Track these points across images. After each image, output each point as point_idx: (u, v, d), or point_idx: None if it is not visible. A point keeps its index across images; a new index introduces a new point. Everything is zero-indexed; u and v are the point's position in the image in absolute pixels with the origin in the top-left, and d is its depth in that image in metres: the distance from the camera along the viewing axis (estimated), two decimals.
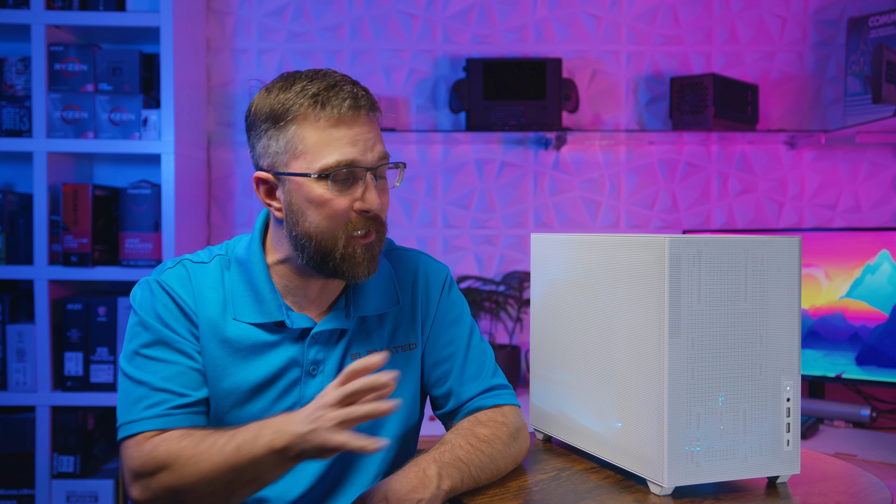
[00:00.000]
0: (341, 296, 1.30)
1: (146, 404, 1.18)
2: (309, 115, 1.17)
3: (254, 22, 2.62)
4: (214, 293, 1.26)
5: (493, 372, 1.36)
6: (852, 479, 1.23)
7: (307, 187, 1.18)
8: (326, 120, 1.17)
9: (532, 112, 2.47)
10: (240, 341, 1.24)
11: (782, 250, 1.16)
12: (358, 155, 1.17)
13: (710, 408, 1.12)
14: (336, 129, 1.17)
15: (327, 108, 1.16)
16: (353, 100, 1.18)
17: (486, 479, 1.22)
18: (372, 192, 1.18)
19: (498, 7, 2.63)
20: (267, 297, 1.25)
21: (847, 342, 2.18)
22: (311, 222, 1.19)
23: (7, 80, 2.43)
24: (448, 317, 1.36)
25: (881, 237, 2.13)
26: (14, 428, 2.37)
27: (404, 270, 1.36)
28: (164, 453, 1.12)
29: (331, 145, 1.17)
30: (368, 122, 1.20)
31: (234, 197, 2.64)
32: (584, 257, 1.29)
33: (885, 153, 2.63)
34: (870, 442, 2.02)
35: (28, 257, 2.37)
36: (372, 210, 1.18)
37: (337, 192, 1.17)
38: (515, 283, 2.60)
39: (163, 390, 1.19)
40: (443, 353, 1.34)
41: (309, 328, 1.26)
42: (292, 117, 1.17)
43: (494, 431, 1.26)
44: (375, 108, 1.22)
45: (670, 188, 2.65)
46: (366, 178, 1.18)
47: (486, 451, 1.23)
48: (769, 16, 2.64)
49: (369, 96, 1.21)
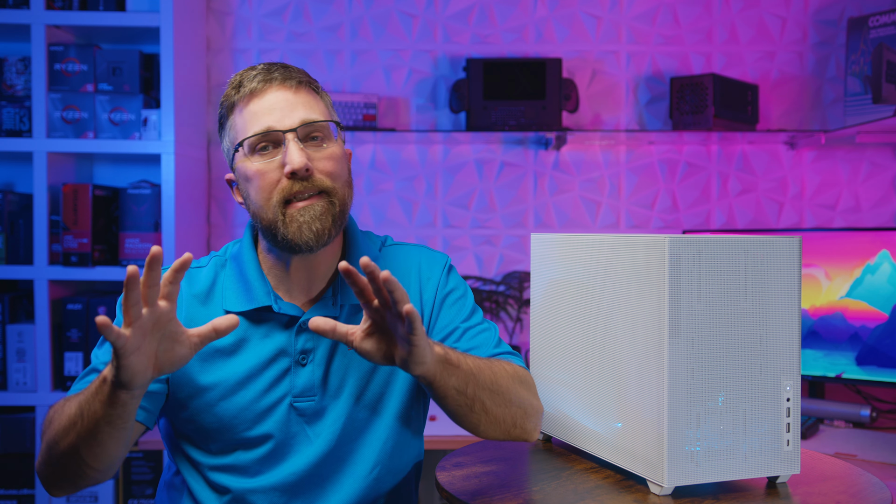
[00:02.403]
0: (329, 286, 1.31)
1: (79, 378, 1.26)
2: (233, 102, 1.25)
3: (254, 22, 2.62)
4: (206, 293, 1.29)
5: (496, 343, 1.35)
6: (852, 479, 1.23)
7: (243, 168, 1.23)
8: (243, 100, 1.23)
9: (532, 112, 2.47)
10: (228, 336, 1.25)
11: (782, 250, 1.16)
12: (273, 122, 1.21)
13: (710, 408, 1.12)
14: (251, 105, 1.23)
15: (241, 90, 1.23)
16: (263, 73, 1.23)
17: (486, 387, 1.18)
18: (294, 150, 1.19)
19: (498, 7, 2.63)
20: (255, 284, 1.27)
21: (847, 342, 2.18)
22: (253, 200, 1.23)
23: (7, 80, 2.43)
24: (448, 299, 1.36)
25: (881, 237, 2.13)
26: (14, 428, 2.37)
27: (405, 262, 1.37)
28: (49, 413, 1.18)
29: (250, 121, 1.22)
30: (284, 90, 1.23)
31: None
32: (584, 257, 1.29)
33: (885, 153, 2.63)
34: (870, 442, 2.02)
35: (28, 257, 2.37)
36: (296, 168, 1.19)
37: (262, 162, 1.21)
38: (515, 283, 2.60)
39: (98, 370, 1.24)
40: (443, 333, 1.34)
41: (297, 317, 1.27)
42: (225, 111, 1.26)
43: (502, 368, 1.24)
44: (292, 78, 1.24)
45: (670, 188, 2.65)
46: (286, 139, 1.20)
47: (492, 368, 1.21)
48: (769, 16, 2.64)
49: (287, 70, 1.24)
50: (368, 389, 1.30)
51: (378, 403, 1.31)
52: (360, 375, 1.29)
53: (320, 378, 1.28)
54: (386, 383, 1.31)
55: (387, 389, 1.31)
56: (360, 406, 1.29)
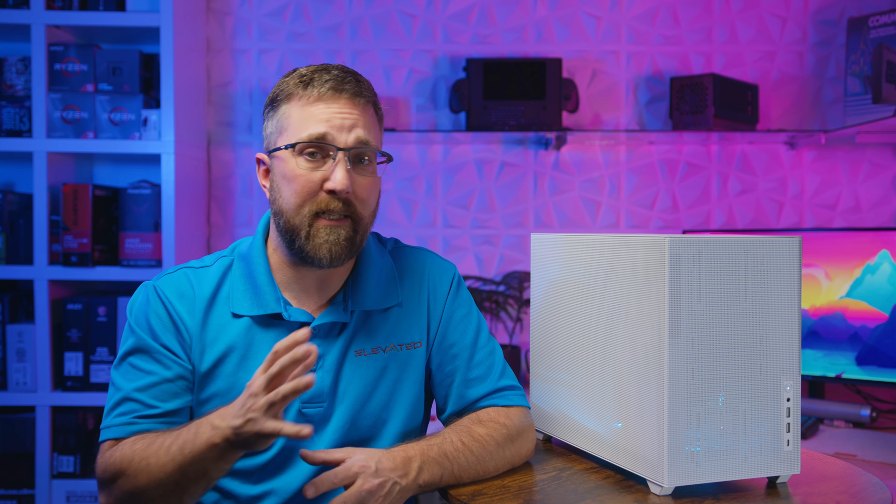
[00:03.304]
0: (340, 291, 1.30)
1: (119, 411, 1.21)
2: (295, 93, 1.23)
3: (254, 22, 2.62)
4: (213, 294, 1.27)
5: (500, 373, 1.35)
6: (852, 479, 1.23)
7: (284, 162, 1.22)
8: (308, 98, 1.22)
9: (532, 112, 2.47)
10: (237, 340, 1.25)
11: (782, 250, 1.16)
12: (331, 131, 1.21)
13: (711, 408, 1.12)
14: (315, 107, 1.22)
15: (309, 88, 1.22)
16: (336, 81, 1.22)
17: (469, 478, 1.23)
18: (341, 171, 1.20)
19: (498, 7, 2.63)
20: (265, 289, 1.26)
21: (847, 342, 2.18)
22: (283, 197, 1.22)
23: (7, 80, 2.43)
24: (455, 316, 1.36)
25: (881, 237, 2.13)
26: (14, 428, 2.37)
27: (411, 268, 1.36)
28: (119, 459, 1.14)
29: (308, 121, 1.21)
30: (351, 105, 1.23)
31: (234, 197, 2.64)
32: (584, 257, 1.29)
33: (885, 153, 2.63)
34: (870, 442, 2.02)
35: (28, 257, 2.37)
36: (338, 189, 1.19)
37: (308, 167, 1.21)
38: (515, 283, 2.60)
39: (134, 400, 1.21)
40: (448, 354, 1.34)
41: (307, 322, 1.26)
42: (283, 97, 1.24)
43: (490, 432, 1.26)
44: (362, 95, 1.24)
45: (670, 188, 2.65)
46: (337, 156, 1.20)
47: (475, 450, 1.23)
48: (769, 16, 2.64)
49: (358, 83, 1.24)
50: (373, 397, 1.30)
51: (383, 411, 1.30)
52: (366, 383, 1.29)
53: (329, 385, 1.27)
54: (391, 392, 1.31)
55: (391, 398, 1.31)
56: (365, 413, 1.29)
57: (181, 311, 1.26)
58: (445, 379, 1.34)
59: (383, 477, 1.12)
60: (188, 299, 1.27)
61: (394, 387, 1.31)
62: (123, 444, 1.16)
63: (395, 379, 1.31)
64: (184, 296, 1.26)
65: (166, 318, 1.25)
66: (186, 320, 1.26)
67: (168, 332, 1.25)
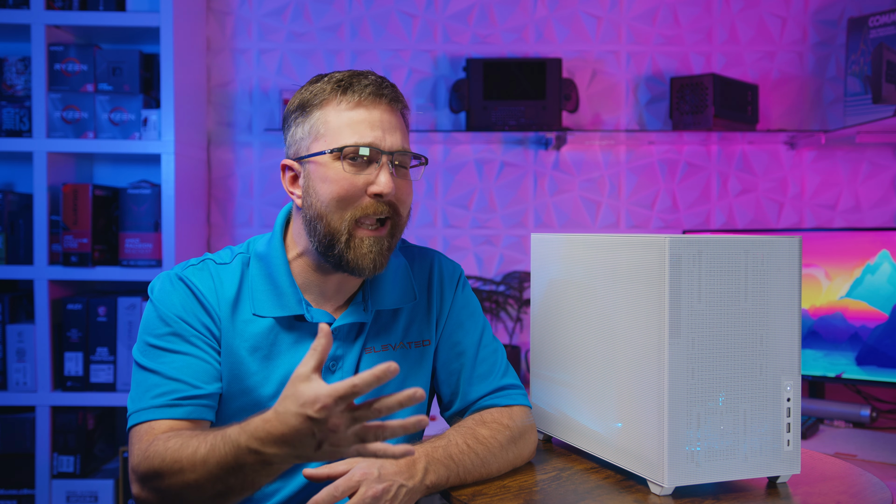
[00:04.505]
0: (358, 292, 1.31)
1: (156, 392, 1.18)
2: (332, 99, 1.21)
3: (254, 22, 2.62)
4: (236, 292, 1.26)
5: (503, 372, 1.36)
6: (852, 479, 1.23)
7: (324, 167, 1.20)
8: (347, 103, 1.21)
9: (532, 112, 2.47)
10: (260, 339, 1.24)
11: (782, 250, 1.16)
12: (376, 138, 1.20)
13: (711, 408, 1.12)
14: (355, 112, 1.21)
15: (349, 93, 1.20)
16: (376, 87, 1.21)
17: (473, 479, 1.23)
18: (386, 175, 1.19)
19: (498, 7, 2.63)
20: (286, 290, 1.26)
21: (847, 342, 2.18)
22: (323, 202, 1.20)
23: (7, 80, 2.43)
24: (461, 315, 1.37)
25: (881, 237, 2.13)
26: (14, 428, 2.37)
27: (420, 267, 1.38)
28: (154, 456, 1.09)
29: (350, 127, 1.20)
30: (390, 111, 1.23)
31: (234, 197, 2.64)
32: (584, 257, 1.29)
33: (885, 153, 2.63)
34: (870, 442, 2.02)
35: (28, 257, 2.37)
36: (384, 193, 1.19)
37: (351, 172, 1.20)
38: (515, 283, 2.60)
39: (174, 379, 1.18)
40: (453, 352, 1.35)
41: (329, 323, 1.26)
42: (318, 102, 1.22)
43: (494, 434, 1.26)
44: (398, 101, 1.24)
45: (670, 188, 2.65)
46: (381, 160, 1.20)
47: (479, 452, 1.23)
48: (769, 16, 2.64)
49: (395, 90, 1.24)
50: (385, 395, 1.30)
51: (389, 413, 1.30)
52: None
53: None
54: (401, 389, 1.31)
55: None
56: None
57: (210, 297, 1.24)
58: (450, 377, 1.35)
59: (388, 481, 1.12)
60: (215, 293, 1.25)
61: (403, 384, 1.31)
62: (158, 441, 1.11)
63: (406, 376, 1.31)
64: (210, 286, 1.25)
65: (195, 303, 1.23)
66: (218, 310, 1.24)
67: (198, 316, 1.22)
